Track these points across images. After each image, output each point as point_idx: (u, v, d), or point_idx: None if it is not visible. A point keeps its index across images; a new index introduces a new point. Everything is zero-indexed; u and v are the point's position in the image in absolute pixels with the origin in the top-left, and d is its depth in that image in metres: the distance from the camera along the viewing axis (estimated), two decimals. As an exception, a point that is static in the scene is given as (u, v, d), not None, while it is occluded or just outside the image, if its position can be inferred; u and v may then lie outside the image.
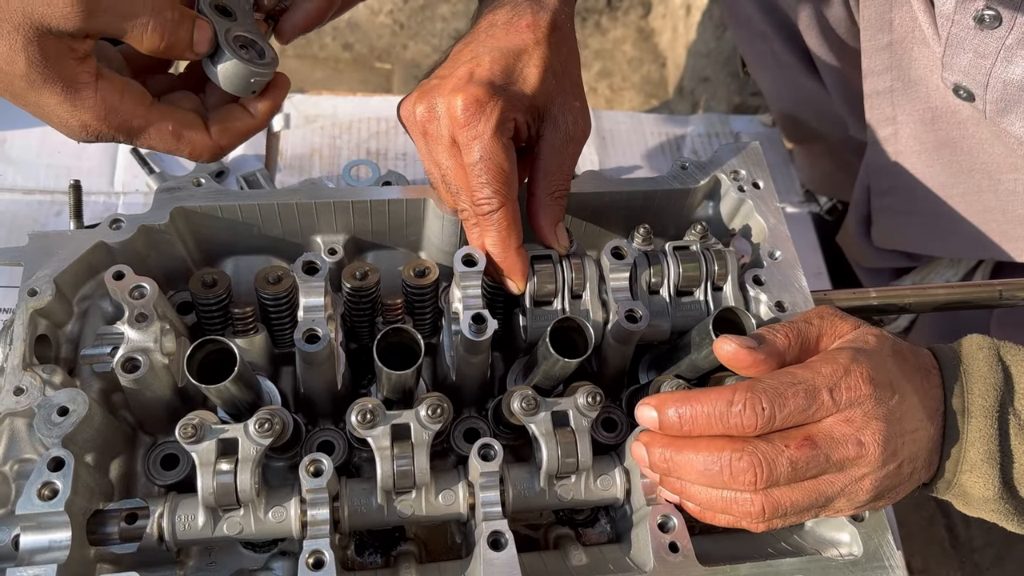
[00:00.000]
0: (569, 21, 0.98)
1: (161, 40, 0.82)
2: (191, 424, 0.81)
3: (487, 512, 0.84)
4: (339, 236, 1.03)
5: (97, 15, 0.78)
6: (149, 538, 0.84)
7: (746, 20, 1.51)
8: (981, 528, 2.00)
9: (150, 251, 0.98)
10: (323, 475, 0.81)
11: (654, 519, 0.84)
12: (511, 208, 0.89)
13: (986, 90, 1.08)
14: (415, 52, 2.95)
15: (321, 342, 0.86)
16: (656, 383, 0.94)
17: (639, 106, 2.91)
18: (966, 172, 1.28)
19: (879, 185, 1.44)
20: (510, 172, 0.88)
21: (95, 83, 0.82)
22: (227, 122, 0.91)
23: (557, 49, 0.93)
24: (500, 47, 0.91)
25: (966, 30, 1.05)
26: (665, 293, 0.99)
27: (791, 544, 0.90)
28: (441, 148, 0.90)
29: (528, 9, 0.94)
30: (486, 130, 0.86)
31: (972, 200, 1.31)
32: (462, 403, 1.03)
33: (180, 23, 0.83)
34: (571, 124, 0.91)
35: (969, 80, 1.10)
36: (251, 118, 0.93)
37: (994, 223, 1.32)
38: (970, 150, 1.25)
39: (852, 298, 1.05)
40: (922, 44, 1.19)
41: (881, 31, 1.23)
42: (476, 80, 0.87)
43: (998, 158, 1.23)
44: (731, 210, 1.09)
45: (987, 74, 1.07)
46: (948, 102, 1.22)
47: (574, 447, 0.87)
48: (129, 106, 0.84)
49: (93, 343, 0.94)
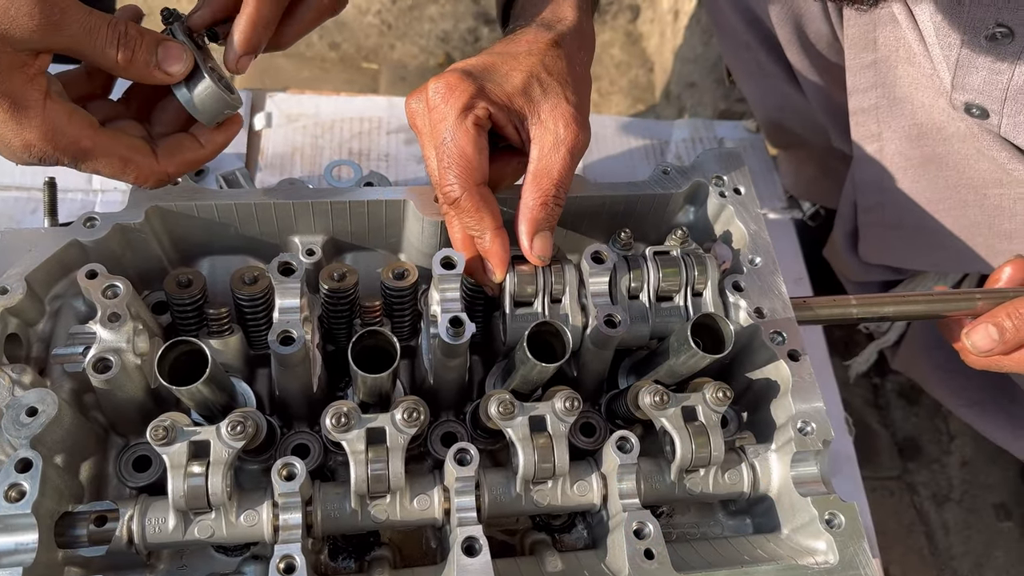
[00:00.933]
0: (578, 47, 0.99)
1: (126, 57, 0.81)
2: (162, 426, 0.80)
3: (462, 517, 0.84)
4: (317, 237, 1.03)
5: (61, 30, 0.77)
6: (118, 541, 0.83)
7: (730, 30, 1.52)
8: (960, 536, 2.00)
9: (125, 250, 0.97)
10: (296, 479, 0.80)
11: (630, 525, 0.84)
12: (476, 194, 0.88)
13: (1003, 104, 1.09)
14: (402, 52, 2.94)
15: (295, 344, 0.85)
16: (634, 388, 0.94)
17: (626, 110, 2.91)
18: (952, 187, 1.29)
19: (865, 201, 1.44)
20: (473, 157, 0.87)
21: (44, 102, 0.79)
22: (176, 151, 0.90)
23: (552, 62, 0.93)
24: (493, 51, 0.95)
25: (977, 49, 1.05)
26: (645, 298, 0.99)
27: (767, 552, 0.90)
28: (425, 139, 0.92)
29: (533, 28, 0.98)
30: (451, 112, 0.87)
31: (958, 215, 1.32)
32: (440, 407, 1.02)
33: (141, 40, 0.82)
34: (562, 129, 0.90)
35: (984, 97, 1.10)
36: (201, 148, 0.91)
37: (980, 237, 1.32)
38: (956, 165, 1.26)
39: (832, 305, 1.04)
40: (907, 62, 1.19)
41: (865, 49, 1.24)
42: (453, 69, 0.90)
43: (984, 173, 1.23)
44: (712, 216, 1.09)
45: (1004, 88, 1.07)
46: (934, 119, 1.23)
47: (551, 452, 0.86)
48: (76, 128, 0.82)
49: (65, 342, 0.93)
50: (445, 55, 2.93)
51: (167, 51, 0.84)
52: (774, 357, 0.95)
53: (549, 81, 0.92)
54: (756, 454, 0.94)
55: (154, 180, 0.89)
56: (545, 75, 0.92)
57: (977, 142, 1.18)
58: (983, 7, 1.01)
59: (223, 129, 0.92)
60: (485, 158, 0.89)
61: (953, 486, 2.07)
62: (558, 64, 0.94)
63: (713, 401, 0.90)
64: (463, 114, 0.87)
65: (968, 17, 1.03)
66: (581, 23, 1.01)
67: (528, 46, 0.94)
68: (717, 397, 0.90)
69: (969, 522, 2.03)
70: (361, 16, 2.95)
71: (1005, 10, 0.99)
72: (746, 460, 0.94)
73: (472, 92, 0.87)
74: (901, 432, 2.13)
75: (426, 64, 2.92)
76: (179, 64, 0.85)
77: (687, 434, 0.89)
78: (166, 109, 0.92)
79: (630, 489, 0.88)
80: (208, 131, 0.91)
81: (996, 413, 1.57)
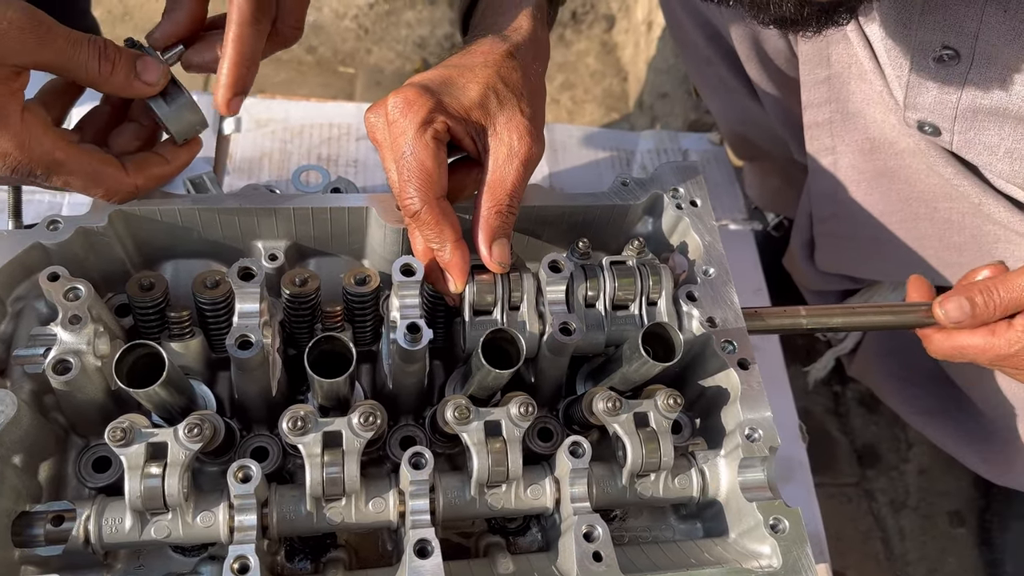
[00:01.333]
0: (532, 57, 1.02)
1: (107, 69, 0.86)
2: (121, 427, 0.81)
3: (416, 520, 0.85)
4: (280, 242, 1.04)
5: (47, 45, 0.81)
6: (75, 541, 0.83)
7: (692, 45, 1.55)
8: (915, 542, 2.05)
9: (88, 253, 0.98)
10: (251, 481, 0.82)
11: (579, 528, 0.86)
12: (436, 206, 0.91)
13: (954, 123, 1.12)
14: (379, 57, 2.96)
15: (254, 348, 0.86)
16: (589, 395, 0.96)
17: (600, 118, 2.94)
18: (904, 200, 1.32)
19: (821, 212, 1.48)
20: (433, 170, 0.90)
21: (21, 114, 0.84)
22: (144, 166, 0.95)
23: (508, 73, 0.96)
24: (450, 64, 0.97)
25: (926, 70, 1.09)
26: (601, 306, 1.01)
27: (714, 555, 0.93)
28: (385, 152, 0.94)
29: (489, 39, 1.00)
30: (410, 126, 0.89)
31: (910, 227, 1.35)
32: (400, 411, 1.04)
33: (120, 55, 0.88)
34: (516, 141, 0.93)
35: (935, 116, 1.13)
36: (167, 164, 0.96)
37: (931, 249, 1.36)
38: (907, 179, 1.29)
39: (783, 316, 1.07)
40: (859, 79, 1.23)
41: (819, 65, 1.27)
42: (411, 83, 0.92)
43: (934, 188, 1.27)
44: (669, 227, 1.11)
45: (954, 107, 1.10)
46: (886, 134, 1.26)
47: (505, 456, 0.88)
48: (51, 140, 0.86)
49: (26, 344, 0.93)
50: (422, 60, 2.95)
51: (145, 64, 0.90)
52: (725, 365, 0.98)
53: (505, 93, 0.94)
54: (706, 460, 0.97)
55: (123, 194, 0.94)
56: (501, 87, 0.94)
57: (927, 158, 1.22)
58: (929, 30, 1.04)
59: (187, 147, 0.97)
60: (444, 171, 0.91)
61: (910, 493, 2.11)
62: (513, 76, 0.96)
63: (664, 408, 0.93)
64: (422, 128, 0.89)
65: (916, 40, 1.06)
66: (536, 33, 1.03)
67: (484, 57, 0.96)
68: (668, 404, 0.93)
69: (924, 528, 2.07)
70: (338, 20, 2.96)
71: (951, 33, 1.03)
72: (696, 465, 0.97)
73: (431, 106, 0.89)
74: (860, 440, 2.17)
75: (402, 69, 2.94)
76: (156, 74, 0.90)
77: (638, 439, 0.91)
78: (122, 134, 0.98)
79: (582, 493, 0.90)
80: (172, 148, 0.96)
81: (945, 421, 1.61)
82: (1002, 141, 1.09)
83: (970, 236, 1.29)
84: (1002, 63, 1.02)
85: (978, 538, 2.06)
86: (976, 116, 1.09)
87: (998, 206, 1.20)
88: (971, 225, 1.27)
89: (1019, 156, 1.10)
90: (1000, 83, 1.04)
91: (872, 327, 1.10)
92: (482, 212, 0.93)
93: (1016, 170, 1.12)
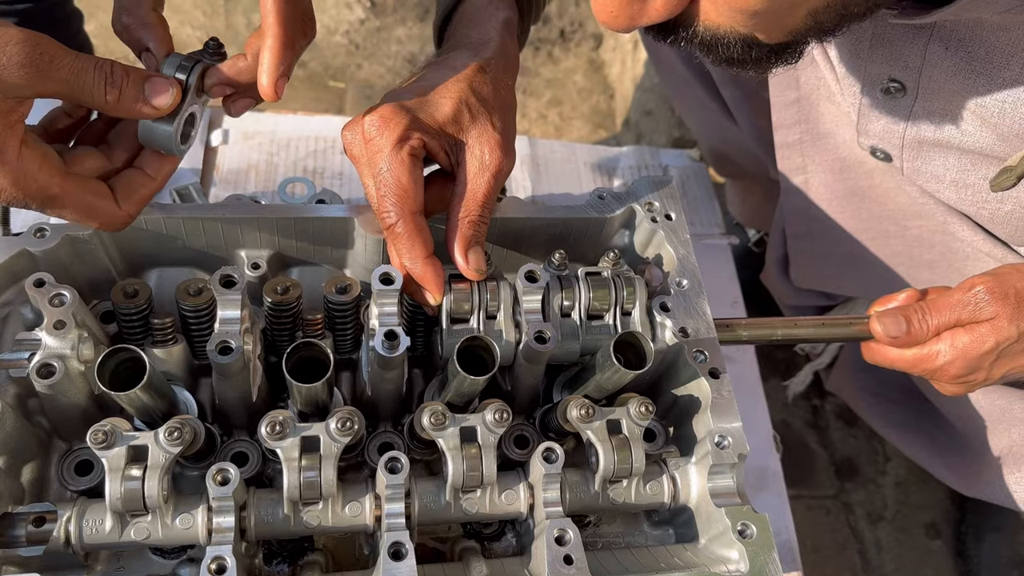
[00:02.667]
0: (503, 69, 1.04)
1: (114, 96, 0.83)
2: (102, 430, 0.83)
3: (391, 523, 0.87)
4: (263, 251, 1.06)
5: (50, 75, 0.78)
6: (55, 542, 0.85)
7: (670, 66, 1.58)
8: (892, 554, 2.07)
9: (74, 260, 1.00)
10: (230, 484, 0.83)
11: (551, 533, 0.88)
12: (412, 221, 0.93)
13: (902, 151, 1.16)
14: (369, 73, 2.99)
15: (233, 354, 0.88)
16: (564, 403, 0.98)
17: (587, 135, 2.98)
18: (875, 219, 1.35)
19: (794, 229, 1.51)
20: (408, 186, 0.92)
21: (19, 149, 0.80)
22: (132, 190, 0.91)
23: (479, 87, 0.98)
24: (424, 78, 0.99)
25: (876, 100, 1.12)
26: (576, 316, 1.04)
27: (684, 560, 0.95)
28: (363, 168, 0.96)
29: (461, 52, 1.02)
30: (387, 144, 0.91)
31: (881, 244, 1.38)
32: (379, 418, 1.06)
33: (128, 79, 0.84)
34: (487, 155, 0.96)
35: (885, 143, 1.17)
36: (152, 181, 0.92)
37: (903, 267, 1.39)
38: (877, 198, 1.33)
39: (754, 327, 1.10)
40: (828, 100, 1.26)
41: (788, 87, 1.30)
42: (387, 102, 0.94)
43: (904, 206, 1.30)
44: (644, 240, 1.14)
45: (901, 136, 1.14)
46: (855, 154, 1.29)
47: (479, 462, 0.90)
48: (47, 175, 0.83)
49: (11, 348, 0.95)
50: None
51: (154, 87, 0.85)
52: (696, 375, 1.00)
53: (477, 107, 0.97)
54: (677, 466, 0.99)
55: (119, 225, 0.91)
56: (474, 101, 0.97)
57: (895, 177, 1.25)
58: (877, 63, 1.08)
59: (169, 160, 0.93)
60: (420, 187, 0.94)
61: (887, 505, 2.14)
62: (484, 89, 0.99)
63: (636, 415, 0.95)
64: (398, 145, 0.91)
65: (865, 71, 1.10)
66: (506, 47, 1.06)
67: (456, 72, 0.98)
68: (640, 411, 0.95)
69: (901, 540, 2.10)
70: (329, 36, 2.99)
71: (896, 67, 1.07)
72: (667, 472, 0.99)
73: (406, 124, 0.92)
74: (839, 452, 2.20)
75: (392, 84, 2.96)
76: (166, 99, 0.85)
77: (610, 446, 0.93)
78: (125, 131, 0.93)
79: (554, 498, 0.92)
80: (156, 160, 0.92)
81: (918, 435, 1.64)
82: (947, 171, 1.13)
83: (940, 254, 1.32)
84: (945, 97, 1.06)
85: (954, 550, 2.08)
86: (921, 147, 1.13)
87: (961, 225, 1.23)
88: (940, 243, 1.30)
89: (963, 185, 1.13)
90: (943, 116, 1.08)
91: (814, 339, 1.13)
92: (455, 224, 0.96)
93: (962, 197, 1.15)
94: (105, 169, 0.91)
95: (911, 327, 1.04)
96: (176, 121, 0.88)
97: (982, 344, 1.02)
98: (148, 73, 0.86)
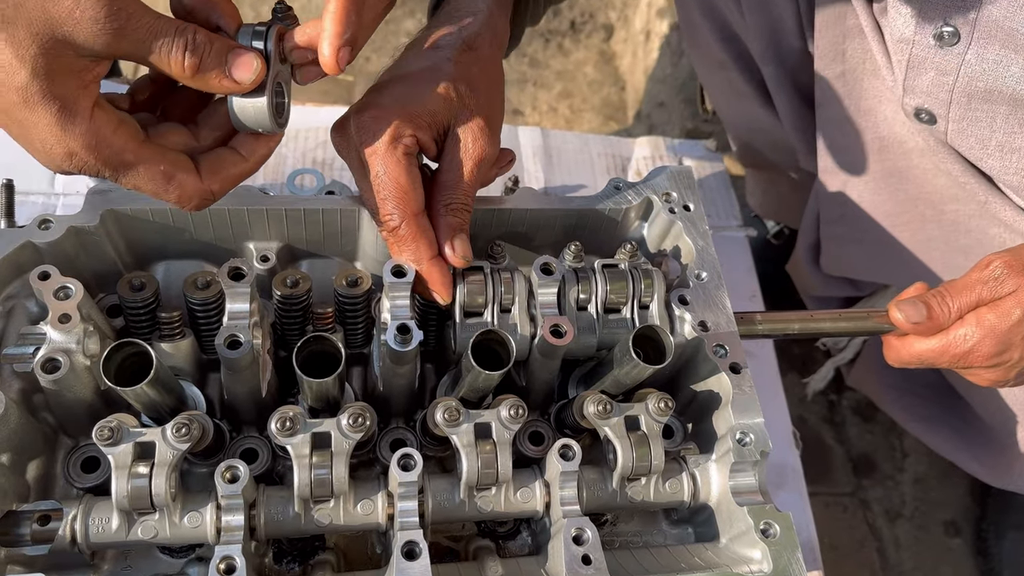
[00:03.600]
0: (489, 44, 1.01)
1: (193, 64, 0.76)
2: (108, 427, 0.81)
3: (404, 522, 0.85)
4: (272, 243, 1.04)
5: (126, 34, 0.72)
6: (61, 540, 0.83)
7: (705, 48, 1.56)
8: (910, 552, 2.04)
9: (79, 252, 0.98)
10: (239, 481, 0.81)
11: (569, 532, 0.85)
12: (415, 222, 0.91)
13: (949, 108, 1.13)
14: (377, 65, 2.97)
15: (243, 348, 0.86)
16: (580, 398, 0.96)
17: (598, 128, 2.95)
18: (912, 201, 1.33)
19: (828, 213, 1.48)
20: (408, 187, 0.90)
21: (92, 111, 0.75)
22: (219, 167, 0.84)
23: (465, 68, 0.95)
24: (409, 70, 0.96)
25: (926, 50, 1.10)
26: (593, 310, 1.01)
27: (705, 560, 0.92)
28: (355, 169, 0.94)
29: (445, 30, 0.98)
30: (380, 145, 0.88)
31: (916, 229, 1.36)
32: (390, 413, 1.04)
33: (210, 47, 0.77)
34: (470, 143, 0.93)
35: (931, 100, 1.14)
36: (244, 161, 0.85)
37: (937, 252, 1.36)
38: (915, 179, 1.30)
39: (775, 320, 1.07)
40: (872, 75, 1.24)
41: (834, 61, 1.28)
42: (371, 100, 0.92)
43: (941, 189, 1.28)
44: (662, 231, 1.11)
45: (950, 91, 1.11)
46: (895, 132, 1.27)
47: (494, 459, 0.88)
48: (122, 140, 0.77)
49: (16, 342, 0.93)
50: (420, 69, 2.96)
51: (237, 59, 0.78)
52: (716, 370, 0.98)
53: (464, 92, 0.94)
54: (697, 464, 0.96)
55: (197, 200, 0.83)
56: (462, 85, 0.94)
57: (934, 156, 1.23)
58: (933, 6, 1.05)
59: (264, 140, 0.86)
60: (419, 186, 0.92)
61: (905, 503, 2.11)
62: (472, 70, 0.96)
63: (655, 411, 0.92)
64: (392, 145, 0.89)
65: (920, 16, 1.07)
66: (494, 18, 1.02)
67: (442, 53, 0.95)
68: (659, 407, 0.92)
69: (919, 538, 2.07)
70: (337, 28, 2.97)
71: (952, 10, 1.04)
72: (687, 470, 0.96)
73: (398, 121, 0.89)
74: (856, 449, 2.17)
75: (401, 78, 2.94)
76: (249, 73, 0.78)
77: (629, 443, 0.91)
78: (215, 112, 0.87)
79: (571, 496, 0.89)
80: (250, 141, 0.85)
81: (944, 428, 1.62)
82: (993, 134, 1.10)
83: (976, 239, 1.29)
84: (999, 42, 1.03)
85: (974, 548, 2.05)
86: (971, 101, 1.10)
87: (1004, 205, 1.20)
88: (977, 228, 1.28)
89: (1010, 149, 1.10)
90: (995, 63, 1.05)
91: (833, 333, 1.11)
92: (436, 209, 0.93)
93: (1006, 165, 1.12)
94: (190, 146, 0.84)
95: (932, 311, 1.01)
96: (266, 94, 0.80)
97: (1009, 317, 0.99)
98: (232, 43, 0.79)
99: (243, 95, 0.80)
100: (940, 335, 1.03)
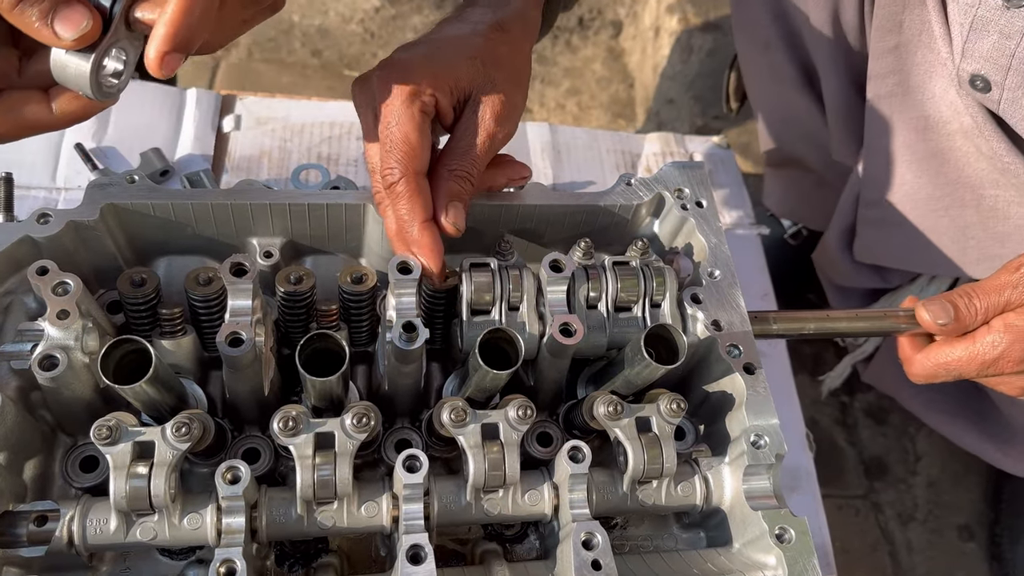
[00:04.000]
0: (520, 29, 1.01)
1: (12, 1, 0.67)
2: (107, 425, 0.79)
3: (409, 525, 0.83)
4: (276, 239, 1.02)
5: None
6: (58, 542, 0.81)
7: (752, 26, 1.54)
8: (923, 556, 2.01)
9: (79, 247, 0.96)
10: (240, 482, 0.79)
11: (578, 536, 0.83)
12: (414, 180, 0.89)
13: (1006, 75, 1.10)
14: (384, 62, 2.95)
15: (244, 346, 0.84)
16: (590, 399, 0.93)
17: (606, 124, 2.92)
18: (952, 184, 1.31)
19: (869, 195, 1.46)
20: (416, 143, 0.88)
21: None
22: (16, 106, 0.75)
23: (495, 45, 0.95)
24: (440, 36, 0.96)
25: (992, 11, 1.08)
26: (603, 308, 0.99)
27: (717, 565, 0.90)
28: (368, 120, 0.92)
29: (480, 10, 0.99)
30: (398, 98, 0.88)
31: (955, 215, 1.34)
32: (395, 413, 1.02)
33: None
34: (488, 115, 0.92)
35: (990, 66, 1.12)
36: (48, 114, 0.76)
37: (974, 240, 1.34)
38: (956, 162, 1.28)
39: (790, 320, 1.05)
40: (927, 48, 1.22)
41: (891, 32, 1.27)
42: (398, 57, 0.92)
43: (982, 173, 1.26)
44: (674, 228, 1.09)
45: (1011, 55, 1.09)
46: (941, 112, 1.25)
47: (502, 460, 0.86)
48: None
49: (13, 339, 0.91)
50: (427, 65, 2.94)
51: (65, 9, 0.68)
52: (730, 370, 0.95)
53: (490, 67, 0.93)
54: (709, 467, 0.94)
55: None
56: (489, 59, 0.94)
57: (978, 139, 1.21)
58: None
59: (84, 102, 0.76)
60: (428, 146, 0.90)
61: (918, 506, 2.08)
62: (501, 49, 0.95)
63: (667, 412, 0.90)
64: (410, 100, 0.88)
65: None
66: (527, 9, 1.03)
67: (474, 27, 0.96)
68: (671, 408, 0.90)
69: (933, 542, 2.03)
70: (344, 24, 2.95)
71: None
72: (699, 472, 0.94)
73: (417, 78, 0.89)
74: (868, 451, 2.14)
75: (408, 74, 2.93)
76: (73, 30, 0.68)
77: (640, 445, 0.89)
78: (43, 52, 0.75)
79: (581, 499, 0.87)
80: (68, 97, 0.76)
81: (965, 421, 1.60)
82: None
83: (1014, 226, 1.28)
84: None
85: (988, 552, 2.02)
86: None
87: None
88: (1016, 215, 1.26)
89: None
90: None
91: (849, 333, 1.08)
92: (440, 172, 0.92)
93: None
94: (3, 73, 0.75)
95: (959, 311, 0.99)
96: (92, 58, 0.71)
97: None
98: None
99: (69, 51, 0.71)
100: (966, 343, 1.01)
